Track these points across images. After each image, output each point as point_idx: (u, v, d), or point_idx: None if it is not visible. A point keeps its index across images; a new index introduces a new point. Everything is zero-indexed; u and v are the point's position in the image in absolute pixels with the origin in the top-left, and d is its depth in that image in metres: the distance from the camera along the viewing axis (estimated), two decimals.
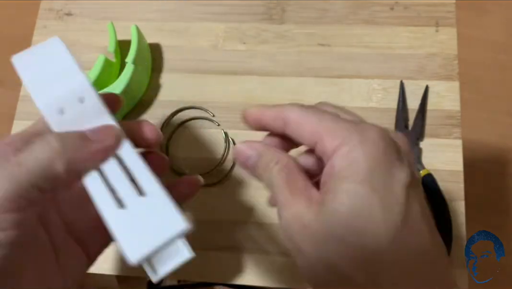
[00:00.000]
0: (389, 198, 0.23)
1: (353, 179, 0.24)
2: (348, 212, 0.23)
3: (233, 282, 0.42)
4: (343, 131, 0.25)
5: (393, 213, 0.23)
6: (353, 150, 0.24)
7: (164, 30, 0.50)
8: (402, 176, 0.24)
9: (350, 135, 0.24)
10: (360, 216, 0.23)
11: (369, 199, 0.23)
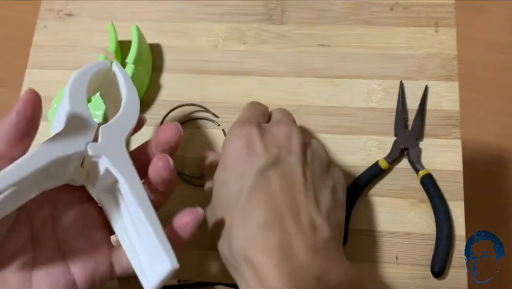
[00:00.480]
0: (241, 179, 0.31)
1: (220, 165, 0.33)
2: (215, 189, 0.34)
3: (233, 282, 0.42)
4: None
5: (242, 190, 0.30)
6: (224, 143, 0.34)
7: (164, 30, 0.50)
8: (258, 162, 0.31)
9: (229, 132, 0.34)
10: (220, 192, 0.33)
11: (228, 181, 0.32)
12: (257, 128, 0.33)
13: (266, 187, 0.30)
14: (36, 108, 0.27)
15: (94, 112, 0.44)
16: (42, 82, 0.49)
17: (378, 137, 0.45)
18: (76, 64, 0.50)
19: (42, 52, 0.51)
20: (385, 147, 0.44)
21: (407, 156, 0.44)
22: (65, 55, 0.50)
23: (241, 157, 0.32)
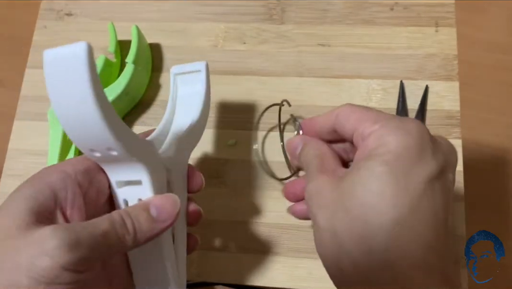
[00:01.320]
0: (406, 185, 0.24)
1: (379, 158, 0.25)
2: (362, 186, 0.25)
3: (233, 282, 0.42)
4: (383, 118, 0.27)
5: (404, 200, 0.23)
6: (388, 133, 0.25)
7: (164, 30, 0.50)
8: (427, 168, 0.24)
9: (388, 122, 0.26)
10: (372, 193, 0.24)
11: (386, 179, 0.24)
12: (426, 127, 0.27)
13: (431, 200, 0.25)
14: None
15: None
16: (42, 82, 0.49)
17: None
18: None
19: (42, 52, 0.50)
20: None
21: None
22: None
23: (408, 158, 0.25)
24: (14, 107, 0.49)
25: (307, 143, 0.32)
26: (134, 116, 0.48)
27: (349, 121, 0.28)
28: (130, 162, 0.26)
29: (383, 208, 0.23)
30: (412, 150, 0.25)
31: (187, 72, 0.37)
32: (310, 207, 0.28)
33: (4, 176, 0.47)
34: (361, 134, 0.27)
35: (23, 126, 0.48)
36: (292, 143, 0.33)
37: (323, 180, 0.28)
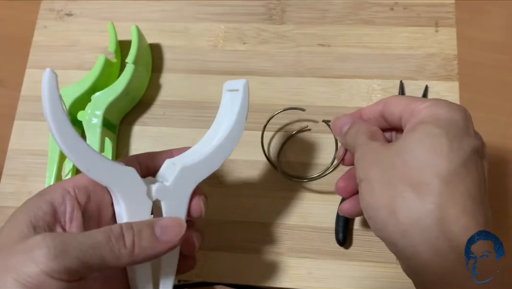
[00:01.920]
0: (458, 147, 0.26)
1: (434, 123, 0.27)
2: (418, 144, 0.27)
3: (233, 282, 0.42)
4: (432, 99, 0.29)
5: (457, 158, 0.26)
6: (440, 107, 0.28)
7: (164, 30, 0.50)
8: (472, 142, 0.27)
9: (438, 101, 0.28)
10: (429, 149, 0.26)
11: (442, 140, 0.26)
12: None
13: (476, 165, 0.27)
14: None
15: (94, 112, 0.43)
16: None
17: None
18: (76, 64, 0.50)
19: (42, 52, 0.51)
20: None
21: None
22: (65, 55, 0.50)
23: (458, 128, 0.27)
24: (14, 107, 0.49)
25: (356, 122, 0.32)
26: (134, 116, 0.48)
27: (398, 105, 0.30)
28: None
29: (440, 162, 0.26)
30: (461, 124, 0.27)
31: (233, 90, 0.33)
32: (361, 166, 0.29)
33: (4, 176, 0.47)
34: (411, 112, 0.29)
35: (23, 126, 0.48)
36: (339, 120, 0.34)
37: (374, 144, 0.29)
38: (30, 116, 0.48)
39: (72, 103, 0.44)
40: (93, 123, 0.43)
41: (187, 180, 0.30)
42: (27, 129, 0.48)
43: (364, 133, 0.31)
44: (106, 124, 0.44)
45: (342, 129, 0.33)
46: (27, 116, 0.48)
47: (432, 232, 0.25)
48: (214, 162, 0.31)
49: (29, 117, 0.48)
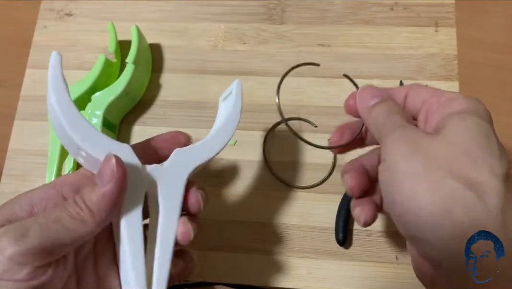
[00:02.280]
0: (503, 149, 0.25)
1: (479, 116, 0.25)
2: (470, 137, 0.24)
3: (233, 282, 0.42)
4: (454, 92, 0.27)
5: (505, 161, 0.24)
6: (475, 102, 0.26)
7: (164, 30, 0.50)
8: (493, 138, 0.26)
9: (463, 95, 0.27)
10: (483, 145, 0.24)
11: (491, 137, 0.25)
12: None
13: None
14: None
15: (94, 112, 0.44)
16: (42, 82, 0.49)
17: None
18: (76, 64, 0.50)
19: (42, 52, 0.51)
20: None
21: None
22: (65, 55, 0.50)
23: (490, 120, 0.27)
24: (14, 107, 0.49)
25: (388, 98, 0.29)
26: (134, 116, 0.48)
27: (421, 94, 0.28)
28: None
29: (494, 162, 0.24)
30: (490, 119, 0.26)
31: (227, 96, 0.35)
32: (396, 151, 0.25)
33: (4, 176, 0.46)
34: (443, 101, 0.27)
35: (23, 126, 0.48)
36: (367, 91, 0.30)
37: (413, 129, 0.26)
38: (30, 116, 0.48)
39: None
40: (93, 123, 0.43)
41: (182, 163, 0.29)
42: (27, 129, 0.48)
43: (399, 114, 0.27)
44: (106, 124, 0.44)
45: (370, 102, 0.29)
46: (27, 116, 0.48)
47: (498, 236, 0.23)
48: (211, 148, 0.31)
49: (29, 117, 0.48)
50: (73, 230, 0.24)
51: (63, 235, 0.24)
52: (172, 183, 0.29)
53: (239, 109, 0.33)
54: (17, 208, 0.25)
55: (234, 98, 0.33)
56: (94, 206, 0.25)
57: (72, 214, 0.24)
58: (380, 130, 0.27)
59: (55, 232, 0.23)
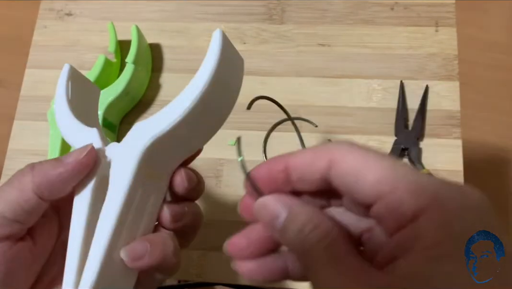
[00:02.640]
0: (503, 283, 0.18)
1: (454, 258, 0.17)
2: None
3: (233, 282, 0.42)
4: (433, 188, 0.18)
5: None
6: (451, 220, 0.17)
7: (164, 30, 0.50)
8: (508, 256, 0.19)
9: (445, 196, 0.18)
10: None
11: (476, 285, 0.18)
12: None
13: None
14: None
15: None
16: (42, 82, 0.49)
17: (378, 137, 0.45)
18: (76, 64, 0.49)
19: (42, 52, 0.51)
20: (386, 147, 0.44)
21: (407, 155, 0.43)
22: (64, 55, 0.50)
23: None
24: (14, 107, 0.49)
25: (297, 213, 0.21)
26: (134, 116, 0.48)
27: (362, 182, 0.19)
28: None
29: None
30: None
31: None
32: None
33: (4, 176, 0.46)
34: (391, 211, 0.18)
35: (23, 126, 0.48)
36: (267, 207, 0.22)
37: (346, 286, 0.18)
38: (29, 116, 0.48)
39: None
40: None
41: (138, 137, 0.24)
42: (27, 129, 0.48)
43: (317, 246, 0.19)
44: (106, 124, 0.44)
45: (276, 223, 0.21)
46: (27, 116, 0.48)
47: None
48: (172, 114, 0.25)
49: (28, 117, 0.48)
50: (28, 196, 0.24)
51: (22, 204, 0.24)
52: (124, 161, 0.24)
53: (212, 63, 0.24)
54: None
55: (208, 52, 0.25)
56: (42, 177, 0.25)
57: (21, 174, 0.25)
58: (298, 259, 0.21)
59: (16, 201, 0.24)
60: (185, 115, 0.24)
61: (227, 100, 0.25)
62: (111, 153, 0.26)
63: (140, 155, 0.24)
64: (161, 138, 0.24)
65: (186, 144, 0.26)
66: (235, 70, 0.26)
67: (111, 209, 0.24)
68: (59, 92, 0.29)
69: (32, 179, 0.24)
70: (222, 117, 0.26)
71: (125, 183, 0.24)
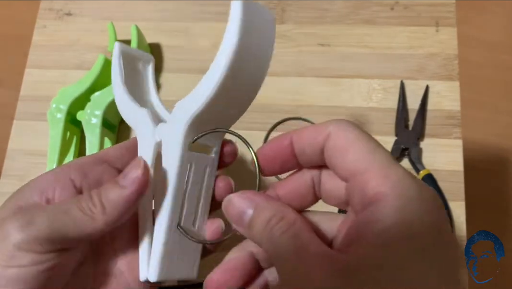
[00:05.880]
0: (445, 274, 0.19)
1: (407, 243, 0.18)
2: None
3: None
4: (398, 177, 0.19)
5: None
6: (407, 204, 0.19)
7: (164, 30, 0.50)
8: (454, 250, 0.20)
9: (406, 185, 0.19)
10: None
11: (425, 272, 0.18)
12: None
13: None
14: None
15: (94, 112, 0.43)
16: (41, 82, 0.49)
17: (378, 137, 0.44)
18: (76, 64, 0.50)
19: (41, 51, 0.50)
20: (386, 147, 0.44)
21: (407, 155, 0.43)
22: (64, 54, 0.50)
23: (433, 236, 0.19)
24: (13, 107, 0.48)
25: (262, 208, 0.22)
26: None
27: (345, 158, 0.21)
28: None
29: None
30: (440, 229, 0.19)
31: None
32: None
33: (4, 176, 0.46)
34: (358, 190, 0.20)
35: (23, 126, 0.48)
36: (234, 204, 0.23)
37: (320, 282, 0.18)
38: (29, 116, 0.48)
39: (72, 103, 0.44)
40: (92, 124, 0.43)
41: (180, 115, 0.25)
42: (27, 129, 0.48)
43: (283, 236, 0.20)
44: (106, 124, 0.44)
45: (243, 219, 0.22)
46: (26, 116, 0.48)
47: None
48: (206, 88, 0.25)
49: (28, 117, 0.48)
50: (81, 225, 0.23)
51: (70, 228, 0.23)
52: (171, 139, 0.25)
53: (234, 34, 0.24)
54: (28, 194, 0.25)
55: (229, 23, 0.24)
56: (109, 204, 0.24)
57: (83, 208, 0.24)
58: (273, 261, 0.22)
59: (62, 224, 0.23)
60: (217, 89, 0.24)
61: (260, 65, 0.25)
62: (160, 132, 0.26)
63: (184, 133, 0.25)
64: (199, 114, 0.25)
65: (226, 115, 0.27)
66: (264, 30, 0.25)
67: (168, 184, 0.25)
68: (114, 75, 0.28)
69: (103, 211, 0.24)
70: (258, 82, 0.26)
71: (176, 159, 0.25)
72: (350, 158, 0.21)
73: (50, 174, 0.26)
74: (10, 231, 0.22)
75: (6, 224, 0.23)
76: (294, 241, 0.20)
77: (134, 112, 0.28)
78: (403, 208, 0.18)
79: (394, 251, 0.18)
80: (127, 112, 0.28)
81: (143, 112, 0.27)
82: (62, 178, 0.26)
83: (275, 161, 0.24)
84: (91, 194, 0.24)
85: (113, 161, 0.28)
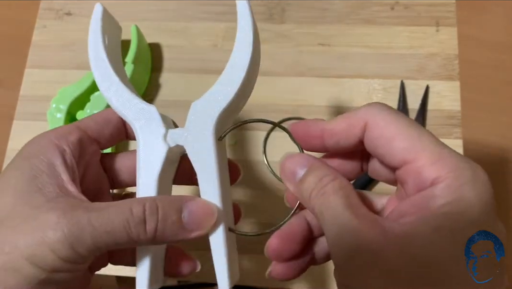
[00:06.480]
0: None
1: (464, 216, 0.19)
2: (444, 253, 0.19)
3: None
4: (451, 160, 0.20)
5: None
6: (463, 186, 0.20)
7: (164, 30, 0.50)
8: (502, 227, 0.21)
9: (460, 168, 0.20)
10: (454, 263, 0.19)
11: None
12: None
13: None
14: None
15: (93, 112, 0.43)
16: (41, 82, 0.49)
17: None
18: (75, 64, 0.50)
19: (41, 51, 0.50)
20: None
21: None
22: (64, 54, 0.50)
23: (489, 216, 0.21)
24: (13, 107, 0.48)
25: (315, 166, 0.23)
26: None
27: (392, 147, 0.21)
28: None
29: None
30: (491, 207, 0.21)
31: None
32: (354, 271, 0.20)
33: None
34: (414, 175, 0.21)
35: (22, 126, 0.48)
36: (289, 163, 0.24)
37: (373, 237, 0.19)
38: (29, 116, 0.48)
39: (71, 103, 0.44)
40: None
41: (204, 115, 0.26)
42: (27, 129, 0.48)
43: (335, 194, 0.21)
44: None
45: (296, 175, 0.24)
46: (26, 116, 0.48)
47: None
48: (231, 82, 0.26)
49: (28, 117, 0.48)
50: (120, 244, 0.23)
51: (111, 245, 0.22)
52: (200, 143, 0.25)
53: (249, 28, 0.25)
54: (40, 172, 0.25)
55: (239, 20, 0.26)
56: (162, 238, 0.23)
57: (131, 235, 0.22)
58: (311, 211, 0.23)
59: (104, 243, 0.22)
60: (243, 80, 0.26)
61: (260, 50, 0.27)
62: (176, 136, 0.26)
63: (213, 130, 0.26)
64: (225, 110, 0.26)
65: (238, 107, 0.28)
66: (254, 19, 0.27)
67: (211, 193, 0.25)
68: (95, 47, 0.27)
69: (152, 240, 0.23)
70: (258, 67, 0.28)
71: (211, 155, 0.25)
72: (397, 147, 0.21)
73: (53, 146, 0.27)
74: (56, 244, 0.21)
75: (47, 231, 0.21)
76: (345, 200, 0.21)
77: (134, 106, 0.26)
78: (460, 187, 0.20)
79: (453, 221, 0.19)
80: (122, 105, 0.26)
81: (151, 109, 0.26)
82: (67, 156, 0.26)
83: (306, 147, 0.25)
84: (146, 219, 0.22)
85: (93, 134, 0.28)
